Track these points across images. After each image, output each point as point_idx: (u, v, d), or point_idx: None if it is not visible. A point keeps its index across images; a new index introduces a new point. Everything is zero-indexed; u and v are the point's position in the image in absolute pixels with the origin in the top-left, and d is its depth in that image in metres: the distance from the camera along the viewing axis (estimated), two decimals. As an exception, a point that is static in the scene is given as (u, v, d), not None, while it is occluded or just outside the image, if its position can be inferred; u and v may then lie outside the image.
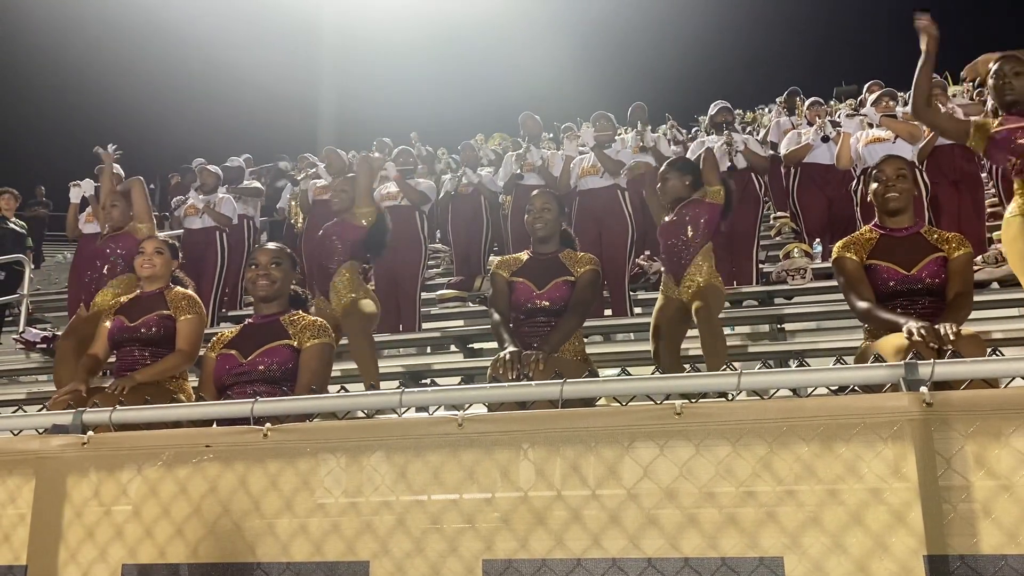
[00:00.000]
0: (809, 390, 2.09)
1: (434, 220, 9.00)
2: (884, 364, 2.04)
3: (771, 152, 7.92)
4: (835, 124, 7.16)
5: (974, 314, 5.25)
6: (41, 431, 2.47)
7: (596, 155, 6.88)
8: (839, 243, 3.63)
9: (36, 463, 2.39)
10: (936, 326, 3.01)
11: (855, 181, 6.72)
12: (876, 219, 3.65)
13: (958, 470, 1.82)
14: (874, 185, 3.60)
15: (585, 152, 7.19)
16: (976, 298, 5.10)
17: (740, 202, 5.36)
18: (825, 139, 6.98)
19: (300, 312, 3.51)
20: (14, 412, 2.63)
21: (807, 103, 7.77)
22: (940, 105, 6.55)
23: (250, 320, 3.54)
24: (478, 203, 8.34)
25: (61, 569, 2.29)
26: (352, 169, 8.21)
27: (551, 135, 9.64)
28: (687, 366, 4.57)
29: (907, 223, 3.57)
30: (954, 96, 6.96)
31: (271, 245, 3.65)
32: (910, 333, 3.01)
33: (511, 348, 3.63)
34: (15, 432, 2.50)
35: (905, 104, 7.45)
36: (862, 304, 3.42)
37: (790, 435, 1.91)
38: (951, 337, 2.92)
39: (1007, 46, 3.94)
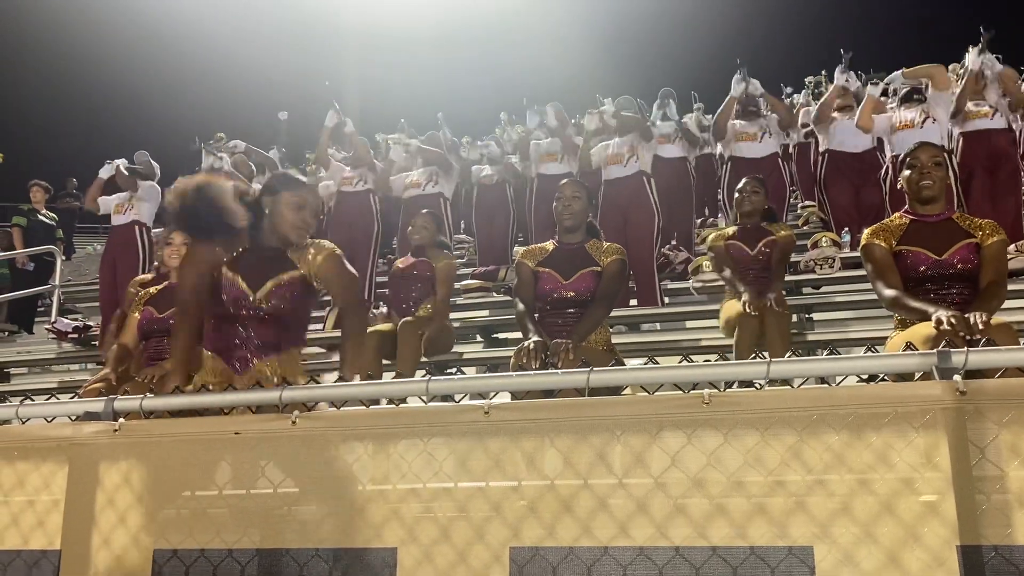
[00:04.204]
0: (839, 379, 2.06)
1: (458, 210, 9.01)
2: (916, 352, 2.01)
3: (803, 139, 7.88)
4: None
5: (1006, 303, 5.17)
6: (74, 418, 2.51)
7: (618, 119, 6.84)
8: (868, 230, 3.56)
9: (69, 450, 2.43)
10: (966, 315, 2.95)
11: (883, 169, 6.63)
12: (907, 206, 3.59)
13: (992, 460, 1.79)
14: (907, 172, 3.53)
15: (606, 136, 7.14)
16: (1009, 286, 4.99)
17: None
18: (852, 112, 6.89)
19: None
20: (47, 400, 2.67)
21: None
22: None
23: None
24: (503, 193, 8.33)
25: (94, 554, 2.32)
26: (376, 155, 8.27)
27: (574, 120, 9.58)
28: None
29: (939, 210, 3.51)
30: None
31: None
32: (939, 322, 2.95)
33: (535, 338, 3.63)
34: (49, 419, 2.55)
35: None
36: (889, 292, 3.36)
37: (820, 424, 1.89)
38: (980, 327, 2.86)
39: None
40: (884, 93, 6.93)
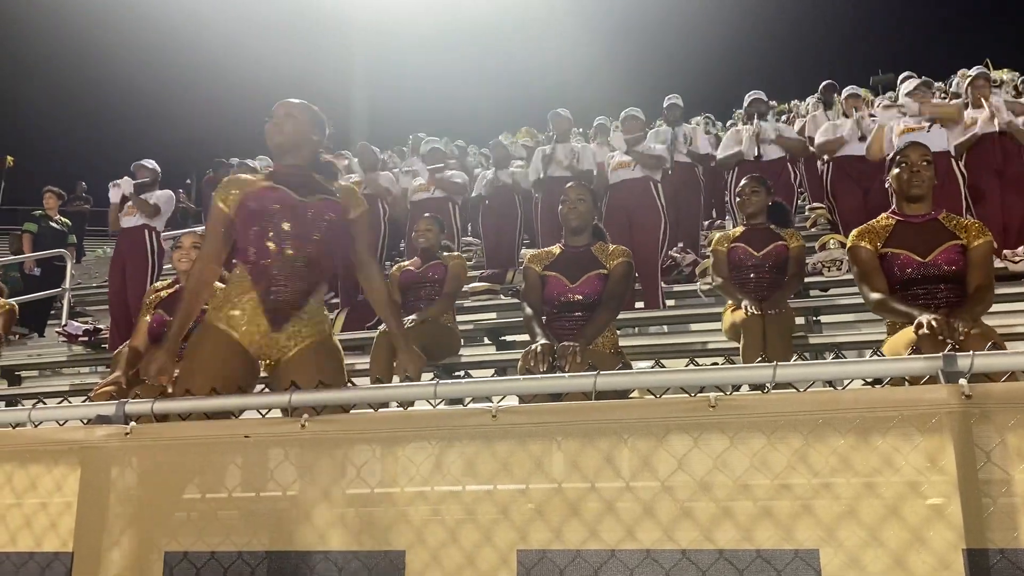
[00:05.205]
0: (845, 382, 2.07)
1: (466, 213, 9.03)
2: (922, 356, 2.02)
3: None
4: (872, 116, 7.08)
5: (1009, 306, 5.16)
6: (86, 422, 2.53)
7: (632, 156, 6.84)
8: (854, 231, 3.56)
9: (81, 452, 2.45)
10: (949, 319, 2.94)
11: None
12: (894, 206, 3.59)
13: (998, 463, 1.79)
14: (896, 170, 3.54)
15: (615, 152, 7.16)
16: (1012, 289, 4.98)
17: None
18: (863, 139, 6.89)
19: None
20: (59, 403, 2.69)
21: (844, 95, 7.68)
22: (983, 101, 6.46)
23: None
24: (510, 196, 8.35)
25: (106, 555, 2.34)
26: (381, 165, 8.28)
27: (580, 129, 9.59)
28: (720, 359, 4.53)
29: (924, 210, 3.50)
30: (998, 85, 6.78)
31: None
32: (919, 326, 2.95)
33: (542, 341, 3.64)
34: (61, 422, 2.57)
35: (943, 95, 7.33)
36: (874, 296, 3.36)
37: (826, 427, 1.90)
38: (960, 336, 2.85)
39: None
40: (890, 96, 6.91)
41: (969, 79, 7.03)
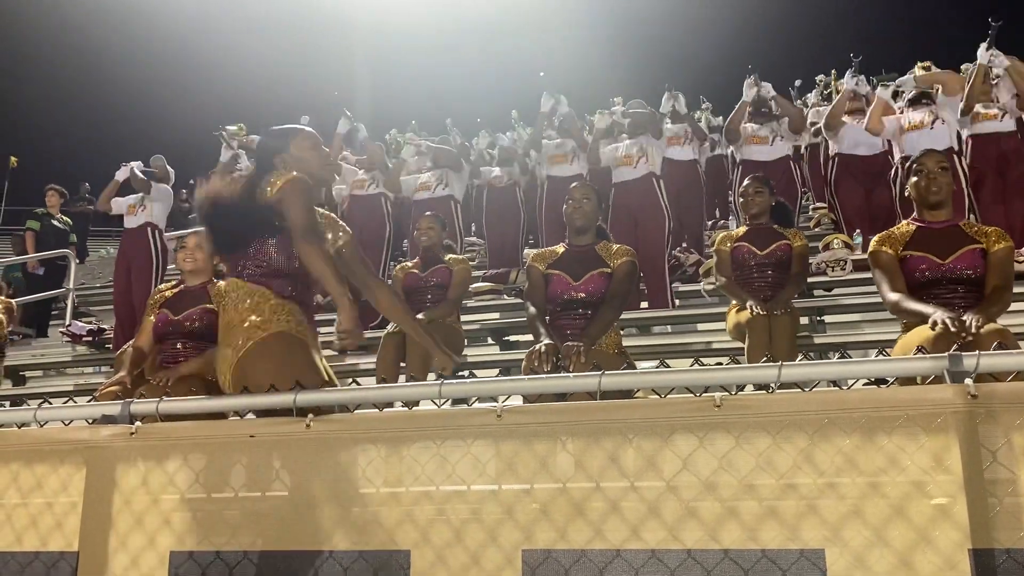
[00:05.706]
0: (850, 382, 2.07)
1: (469, 213, 9.02)
2: (927, 356, 2.01)
3: (813, 139, 7.90)
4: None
5: (1012, 306, 5.14)
6: (91, 421, 2.53)
7: (629, 116, 6.88)
8: (875, 237, 3.62)
9: (86, 452, 2.45)
10: (963, 317, 2.96)
11: (893, 171, 6.62)
12: (915, 212, 3.63)
13: (1004, 463, 1.79)
14: (914, 178, 3.59)
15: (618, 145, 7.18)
16: (1015, 290, 4.96)
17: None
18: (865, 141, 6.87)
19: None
20: (64, 403, 2.70)
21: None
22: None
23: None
24: (513, 195, 8.35)
25: (111, 556, 2.35)
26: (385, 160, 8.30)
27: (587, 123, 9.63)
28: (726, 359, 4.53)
29: (945, 216, 3.55)
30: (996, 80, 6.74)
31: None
32: (934, 324, 2.97)
33: (546, 340, 3.64)
34: (66, 422, 2.57)
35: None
36: (892, 296, 3.39)
37: (831, 427, 1.90)
38: (972, 331, 2.86)
39: None
40: (894, 96, 6.91)
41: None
